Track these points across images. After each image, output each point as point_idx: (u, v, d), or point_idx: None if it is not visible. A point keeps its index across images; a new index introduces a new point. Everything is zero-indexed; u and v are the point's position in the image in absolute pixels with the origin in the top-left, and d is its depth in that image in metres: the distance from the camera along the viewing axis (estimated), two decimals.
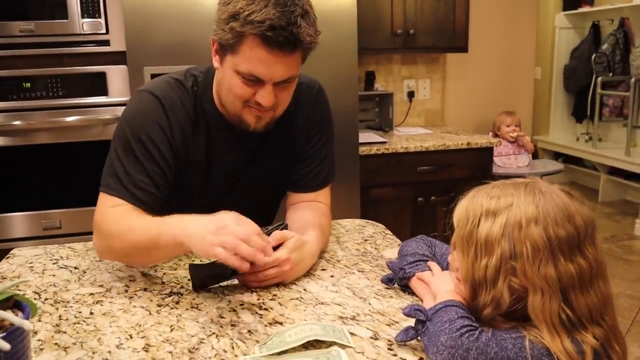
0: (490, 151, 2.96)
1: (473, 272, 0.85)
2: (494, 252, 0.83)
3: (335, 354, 0.86)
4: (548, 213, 0.82)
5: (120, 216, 1.16)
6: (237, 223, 1.00)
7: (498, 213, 0.84)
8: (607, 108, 4.92)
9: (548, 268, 0.80)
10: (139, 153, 1.19)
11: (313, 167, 1.36)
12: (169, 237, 1.05)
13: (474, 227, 0.85)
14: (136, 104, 1.25)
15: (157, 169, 1.20)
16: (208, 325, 0.97)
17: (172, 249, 1.09)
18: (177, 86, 1.25)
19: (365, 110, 3.29)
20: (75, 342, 0.92)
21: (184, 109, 1.24)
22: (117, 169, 1.19)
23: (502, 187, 0.87)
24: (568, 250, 0.81)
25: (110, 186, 1.19)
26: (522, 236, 0.81)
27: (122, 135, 1.21)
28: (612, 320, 0.84)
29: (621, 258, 3.60)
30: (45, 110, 2.34)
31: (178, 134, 1.23)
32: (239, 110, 1.20)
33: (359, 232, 1.46)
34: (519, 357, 0.77)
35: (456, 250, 0.90)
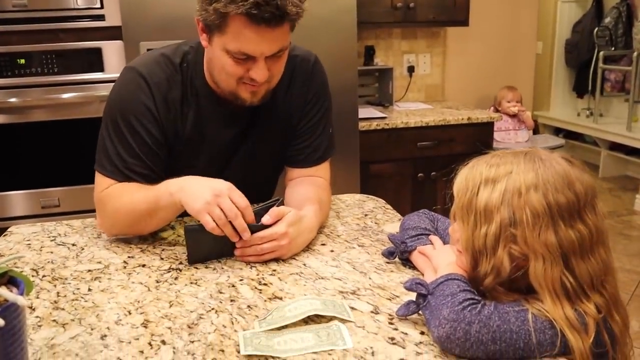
0: (491, 126, 2.94)
1: (473, 240, 0.84)
2: (493, 220, 0.82)
3: (335, 328, 0.85)
4: (548, 180, 0.81)
5: (119, 192, 1.20)
6: (230, 195, 1.06)
7: (497, 180, 0.83)
8: (609, 83, 4.88)
9: (548, 234, 0.79)
10: (129, 135, 1.21)
11: (311, 141, 1.34)
12: (167, 195, 1.12)
13: (474, 195, 0.84)
14: (123, 83, 1.24)
15: (149, 150, 1.22)
16: (207, 300, 0.96)
17: (171, 208, 1.14)
18: (165, 63, 1.23)
19: (365, 85, 3.26)
20: (74, 319, 0.91)
21: (171, 87, 1.23)
22: (111, 150, 1.22)
23: (502, 155, 0.86)
24: (568, 216, 0.80)
25: (106, 168, 1.22)
26: (521, 203, 0.81)
27: (112, 116, 1.23)
28: (613, 288, 0.83)
29: (621, 233, 3.60)
30: (41, 87, 2.31)
31: (165, 112, 1.22)
32: (234, 87, 1.18)
33: (359, 206, 1.45)
34: (522, 330, 0.76)
35: (456, 221, 0.89)
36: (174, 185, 1.12)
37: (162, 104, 1.22)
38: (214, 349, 0.81)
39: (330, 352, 0.80)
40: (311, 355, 0.79)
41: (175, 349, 0.82)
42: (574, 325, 0.77)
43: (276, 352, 0.79)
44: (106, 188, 1.22)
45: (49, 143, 2.37)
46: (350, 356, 0.79)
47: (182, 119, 1.25)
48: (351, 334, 0.84)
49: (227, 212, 1.04)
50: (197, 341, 0.84)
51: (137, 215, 1.17)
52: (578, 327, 0.77)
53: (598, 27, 4.79)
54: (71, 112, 2.34)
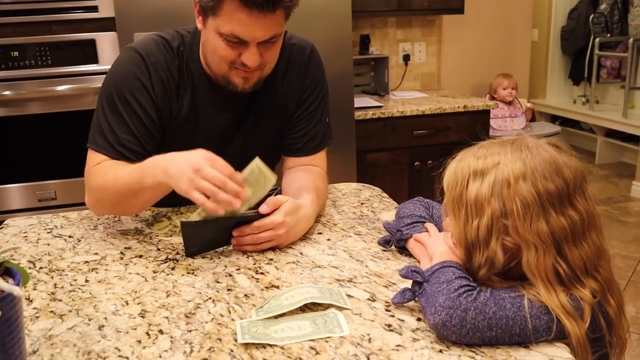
0: (487, 114, 2.94)
1: (465, 233, 0.84)
2: (484, 212, 0.82)
3: (332, 315, 0.85)
4: (536, 168, 0.81)
5: (105, 169, 1.19)
6: (212, 165, 1.02)
7: (486, 172, 0.83)
8: (605, 69, 4.87)
9: (540, 223, 0.80)
10: (124, 111, 1.20)
11: (308, 130, 1.34)
12: (152, 178, 1.10)
13: (463, 188, 0.84)
14: (121, 61, 1.24)
15: (142, 127, 1.21)
16: (204, 290, 0.96)
17: (156, 189, 1.12)
18: (163, 45, 1.23)
19: (361, 74, 3.25)
20: (71, 310, 0.92)
21: (168, 69, 1.23)
22: (104, 126, 1.21)
23: (489, 146, 0.86)
24: (558, 203, 0.80)
25: (97, 143, 1.21)
26: (511, 193, 0.81)
27: (107, 92, 1.22)
28: (607, 272, 0.84)
29: (617, 220, 3.61)
30: (35, 79, 2.30)
31: (160, 92, 1.22)
32: (225, 71, 1.18)
33: (355, 195, 1.45)
34: (518, 316, 0.77)
35: (448, 215, 0.89)
36: (156, 168, 1.09)
37: (158, 83, 1.22)
38: (212, 338, 0.82)
39: (327, 340, 0.80)
40: (308, 343, 0.79)
41: (172, 338, 0.82)
42: (569, 312, 0.78)
43: (273, 340, 0.79)
44: (96, 164, 1.20)
45: (45, 136, 2.36)
46: (348, 343, 0.79)
47: (178, 101, 1.25)
48: (348, 321, 0.85)
49: (214, 181, 1.00)
50: (195, 330, 0.84)
51: (121, 195, 1.15)
52: (573, 314, 0.78)
53: (594, 14, 4.77)
54: (66, 104, 2.33)
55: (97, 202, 1.21)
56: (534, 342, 0.77)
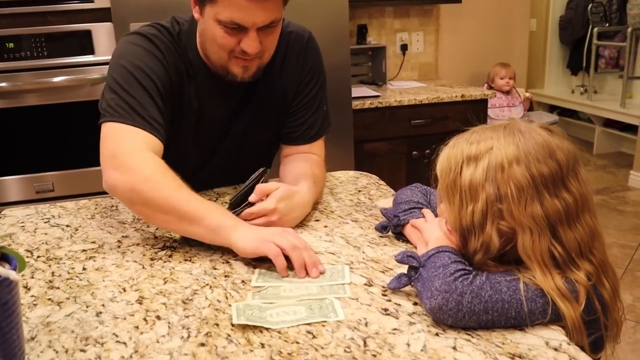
0: (485, 103, 2.94)
1: (460, 219, 0.85)
2: (479, 197, 0.82)
3: (328, 301, 0.86)
4: (529, 151, 0.81)
5: (161, 165, 1.07)
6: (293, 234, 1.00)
7: (479, 157, 0.83)
8: (603, 59, 4.86)
9: (534, 206, 0.80)
10: (146, 84, 1.14)
11: (306, 118, 1.34)
12: (217, 220, 1.01)
13: (457, 174, 0.85)
14: (129, 43, 1.19)
15: (162, 103, 1.16)
16: (201, 277, 0.97)
17: (212, 232, 1.02)
18: (165, 32, 1.22)
19: (358, 64, 3.24)
20: (69, 297, 0.92)
21: (176, 54, 1.21)
22: (128, 99, 1.12)
23: (481, 131, 0.87)
24: (552, 186, 0.81)
25: (125, 116, 1.11)
26: (505, 177, 0.81)
27: (120, 69, 1.15)
28: (601, 253, 0.84)
29: (615, 209, 3.62)
30: (31, 71, 2.29)
31: (175, 73, 1.20)
32: (225, 61, 1.17)
33: (352, 183, 1.45)
34: (514, 300, 0.77)
35: (443, 201, 0.89)
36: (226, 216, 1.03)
37: (172, 66, 1.20)
38: (209, 323, 0.82)
39: (323, 324, 0.80)
40: (305, 327, 0.80)
41: (170, 324, 0.82)
42: (564, 295, 0.78)
43: (268, 324, 0.79)
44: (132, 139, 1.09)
45: (42, 127, 2.36)
46: (344, 327, 0.79)
47: (186, 88, 1.24)
48: (344, 306, 0.85)
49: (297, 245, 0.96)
50: (192, 316, 0.84)
51: (173, 206, 1.03)
52: (569, 296, 0.78)
53: (592, 3, 4.76)
54: (63, 95, 2.32)
55: (131, 189, 1.05)
56: (529, 325, 0.78)
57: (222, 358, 0.74)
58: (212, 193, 1.39)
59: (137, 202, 1.07)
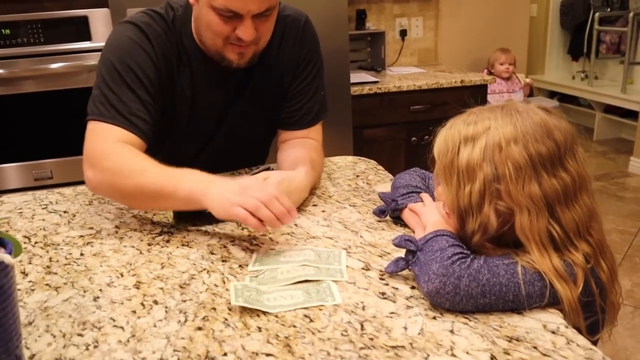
0: (485, 89, 2.92)
1: (458, 200, 0.84)
2: (476, 177, 0.82)
3: (325, 285, 0.86)
4: (527, 131, 0.81)
5: (129, 154, 1.09)
6: (260, 188, 0.97)
7: (477, 138, 0.83)
8: (604, 45, 4.83)
9: (532, 186, 0.80)
10: (130, 80, 1.14)
11: (303, 103, 1.33)
12: (186, 190, 1.02)
13: (454, 155, 0.84)
14: (120, 33, 1.19)
15: (149, 97, 1.16)
16: (199, 261, 0.97)
17: (185, 202, 1.04)
18: (158, 20, 1.20)
19: (357, 50, 3.22)
20: (66, 282, 0.92)
21: (168, 42, 1.20)
22: (110, 97, 1.13)
23: (479, 112, 0.86)
24: (550, 165, 0.80)
25: (105, 114, 1.13)
26: (503, 157, 0.81)
27: (109, 63, 1.16)
28: (599, 234, 0.84)
29: (614, 195, 3.62)
30: (28, 57, 2.27)
31: (164, 64, 1.19)
32: (220, 47, 1.16)
33: (350, 168, 1.44)
34: (511, 283, 0.77)
35: (440, 183, 0.89)
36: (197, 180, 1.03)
37: (161, 55, 1.18)
38: (206, 307, 0.82)
39: (321, 308, 0.80)
40: (302, 311, 0.80)
41: (167, 308, 0.82)
42: (562, 276, 0.78)
43: (265, 308, 0.79)
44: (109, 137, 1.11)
45: (40, 114, 2.35)
46: (341, 311, 0.79)
47: (178, 77, 1.23)
48: (342, 290, 0.85)
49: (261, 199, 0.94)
50: (189, 300, 0.84)
51: (142, 190, 1.06)
52: (566, 278, 0.78)
53: None
54: (60, 82, 2.31)
55: (109, 186, 1.10)
56: (527, 308, 0.78)
57: (220, 342, 0.74)
58: None
59: (115, 195, 1.14)
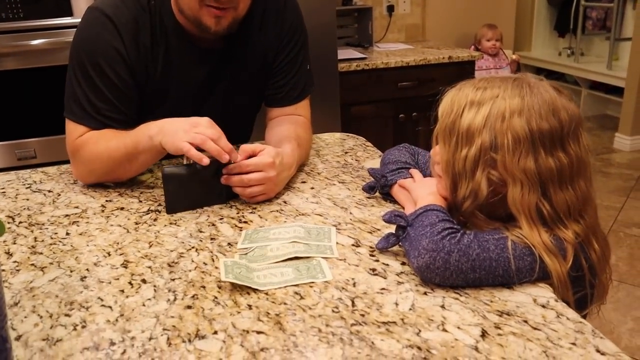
0: (472, 65, 2.91)
1: (453, 162, 0.84)
2: (474, 142, 0.82)
3: (315, 262, 0.85)
4: (533, 106, 0.80)
5: (95, 139, 1.17)
6: (210, 126, 1.04)
7: (482, 103, 0.82)
8: (590, 21, 4.83)
9: (528, 161, 0.79)
10: (98, 80, 1.16)
11: (289, 79, 1.31)
12: (146, 139, 1.08)
13: (457, 117, 0.84)
14: (88, 25, 1.18)
15: (119, 93, 1.18)
16: (187, 240, 0.96)
17: (150, 151, 1.10)
18: (131, 2, 1.17)
19: (344, 26, 3.18)
20: (52, 262, 0.90)
21: (140, 27, 1.17)
22: (80, 95, 1.18)
23: (490, 80, 0.86)
24: (550, 144, 0.80)
25: (76, 114, 1.19)
26: (504, 127, 0.80)
27: (79, 60, 1.18)
28: (592, 219, 0.84)
29: (600, 171, 3.65)
30: (7, 33, 2.21)
31: (134, 54, 1.18)
32: (196, 10, 1.12)
33: (339, 145, 1.43)
34: (501, 258, 0.77)
35: (438, 143, 0.88)
36: (152, 128, 1.08)
37: (131, 45, 1.17)
38: (195, 286, 0.81)
39: (311, 285, 0.80)
40: (293, 288, 0.79)
41: (156, 287, 0.81)
42: (551, 250, 0.78)
43: (255, 285, 0.79)
44: (80, 135, 1.18)
45: (21, 92, 2.30)
46: (332, 287, 0.79)
47: (153, 60, 1.20)
48: (332, 266, 0.84)
49: (209, 135, 1.01)
50: (178, 279, 0.83)
51: (115, 162, 1.14)
52: (555, 252, 0.78)
53: None
54: (42, 59, 2.25)
55: (90, 173, 1.19)
56: (517, 283, 0.78)
57: (210, 320, 0.73)
58: None
59: (99, 177, 1.19)
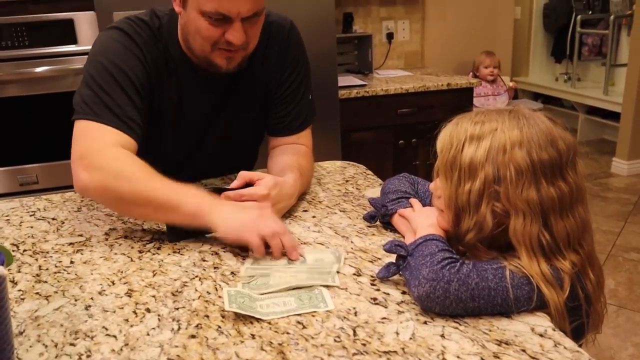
0: (471, 92, 2.94)
1: (456, 197, 0.86)
2: (477, 176, 0.83)
3: (317, 292, 0.86)
4: (532, 137, 0.82)
5: (131, 159, 1.07)
6: (274, 219, 1.01)
7: (482, 137, 0.84)
8: (587, 47, 4.90)
9: (530, 191, 0.81)
10: (123, 83, 1.13)
11: (291, 109, 1.34)
12: (194, 204, 1.01)
13: (458, 152, 0.85)
14: (108, 38, 1.18)
15: (140, 101, 1.16)
16: (191, 268, 0.97)
17: (190, 217, 1.02)
18: (143, 28, 1.20)
19: (344, 53, 3.23)
20: (57, 291, 0.91)
21: (156, 49, 1.20)
22: (104, 97, 1.11)
23: (486, 113, 0.88)
24: (550, 174, 0.82)
25: (100, 115, 1.10)
26: (506, 160, 0.82)
27: (98, 66, 1.14)
28: (589, 246, 0.86)
29: (598, 195, 3.67)
30: (12, 61, 2.25)
31: (153, 71, 1.19)
32: (208, 53, 1.16)
33: (340, 173, 1.45)
34: (500, 287, 0.78)
35: (439, 177, 0.90)
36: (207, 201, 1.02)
37: (151, 63, 1.18)
38: (199, 315, 0.82)
39: (313, 314, 0.81)
40: (295, 317, 0.80)
41: (160, 316, 0.82)
42: (549, 280, 0.79)
43: (259, 314, 0.80)
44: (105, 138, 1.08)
45: (24, 119, 2.32)
46: (334, 317, 0.80)
47: (166, 84, 1.23)
48: (334, 295, 0.85)
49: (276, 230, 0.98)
50: (182, 308, 0.84)
51: (147, 197, 1.03)
52: (553, 282, 0.80)
53: None
54: (45, 86, 2.29)
55: (103, 188, 1.05)
56: (515, 312, 0.79)
57: (213, 349, 0.74)
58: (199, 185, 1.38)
59: (110, 199, 1.08)
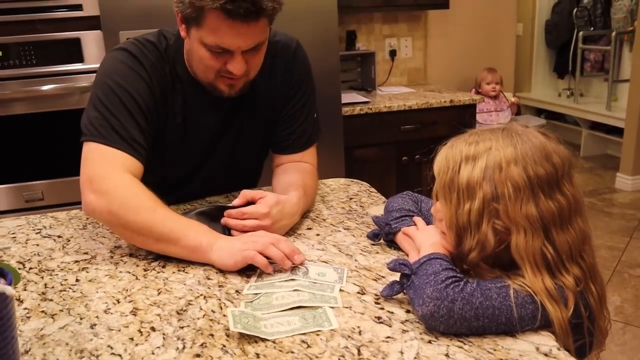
0: (474, 108, 2.96)
1: (457, 218, 0.86)
2: (476, 196, 0.84)
3: (321, 311, 0.86)
4: (526, 153, 0.83)
5: (137, 188, 1.09)
6: (265, 233, 1.04)
7: (478, 157, 0.85)
8: (589, 63, 4.93)
9: (529, 207, 0.82)
10: (129, 105, 1.15)
11: (296, 127, 1.35)
12: (194, 240, 1.03)
13: (455, 173, 0.86)
14: (115, 60, 1.20)
15: (145, 124, 1.17)
16: (195, 287, 0.97)
17: (189, 251, 1.04)
18: (151, 49, 1.22)
19: (347, 70, 3.26)
20: (62, 309, 0.92)
21: (162, 70, 1.22)
22: (111, 120, 1.13)
23: (480, 133, 0.89)
24: (548, 188, 0.83)
25: (107, 137, 1.12)
26: (502, 177, 0.83)
27: (106, 88, 1.16)
28: (591, 258, 0.86)
29: (602, 211, 3.66)
30: (19, 79, 2.27)
31: (159, 92, 1.21)
32: (212, 79, 1.18)
33: (344, 190, 1.46)
34: (504, 306, 0.78)
35: (439, 200, 0.90)
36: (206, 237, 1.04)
37: (157, 83, 1.20)
38: (204, 334, 0.83)
39: (318, 333, 0.81)
40: (300, 337, 0.80)
41: (165, 335, 0.83)
42: (553, 297, 0.80)
43: (263, 334, 0.80)
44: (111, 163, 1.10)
45: (31, 136, 2.35)
46: (338, 336, 0.80)
47: (171, 105, 1.24)
48: (338, 314, 0.86)
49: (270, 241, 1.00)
50: (187, 327, 0.85)
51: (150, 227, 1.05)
52: (558, 299, 0.80)
53: (577, 8, 4.83)
54: (52, 104, 2.31)
55: (111, 214, 1.06)
56: (519, 331, 0.79)
57: None
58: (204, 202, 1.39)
59: (115, 225, 1.10)
